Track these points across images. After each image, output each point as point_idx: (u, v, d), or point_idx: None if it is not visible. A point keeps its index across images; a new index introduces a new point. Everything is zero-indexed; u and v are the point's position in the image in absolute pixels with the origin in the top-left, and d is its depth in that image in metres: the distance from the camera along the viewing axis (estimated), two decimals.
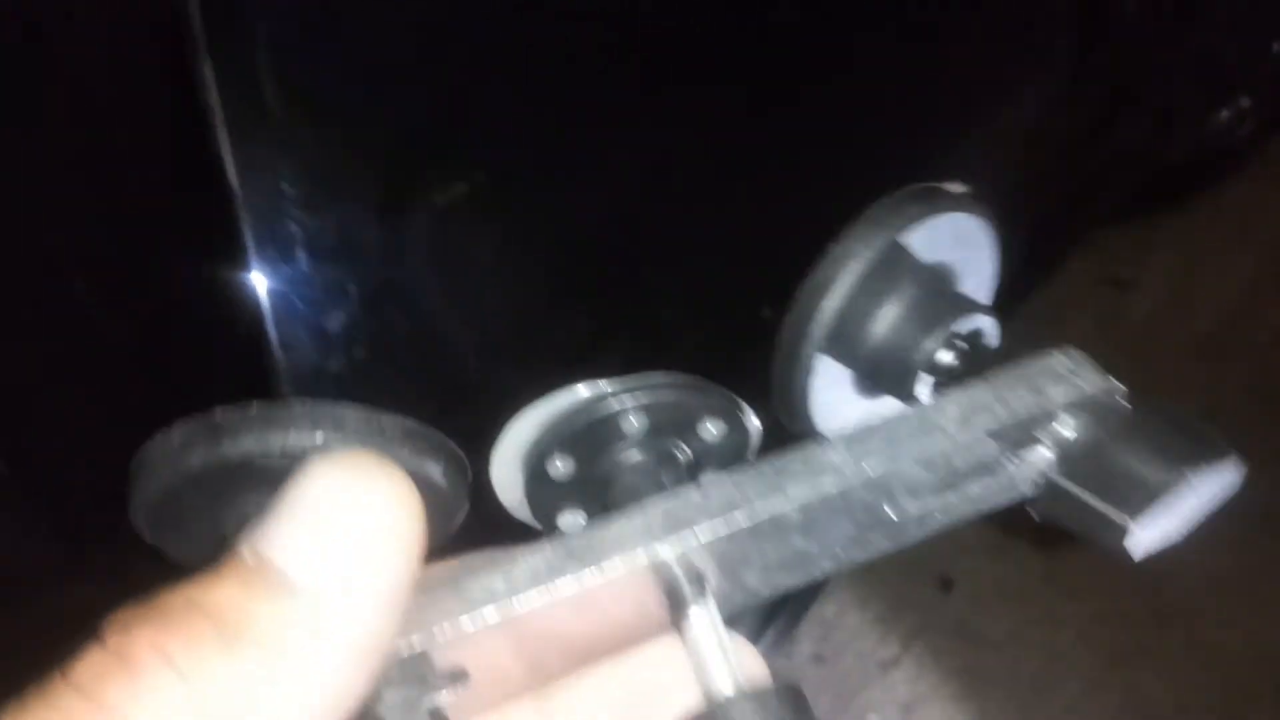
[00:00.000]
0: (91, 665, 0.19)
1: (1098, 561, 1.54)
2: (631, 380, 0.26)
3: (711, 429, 0.26)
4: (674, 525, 0.21)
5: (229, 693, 0.19)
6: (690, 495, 0.21)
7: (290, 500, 0.21)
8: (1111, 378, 0.25)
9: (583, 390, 0.26)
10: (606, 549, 0.20)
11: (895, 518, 0.23)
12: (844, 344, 0.32)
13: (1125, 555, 0.23)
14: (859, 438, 0.22)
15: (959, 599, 1.50)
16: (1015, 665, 1.43)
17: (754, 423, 0.30)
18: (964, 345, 0.31)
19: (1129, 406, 0.25)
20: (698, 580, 0.21)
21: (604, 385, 0.26)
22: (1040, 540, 1.57)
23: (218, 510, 0.23)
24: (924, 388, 0.32)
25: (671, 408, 0.26)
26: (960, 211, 0.34)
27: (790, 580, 0.22)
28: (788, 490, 0.21)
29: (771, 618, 1.04)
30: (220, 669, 0.19)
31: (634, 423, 0.27)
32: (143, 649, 0.19)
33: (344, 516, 0.20)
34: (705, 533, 0.20)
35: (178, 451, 0.23)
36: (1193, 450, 0.23)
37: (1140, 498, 0.23)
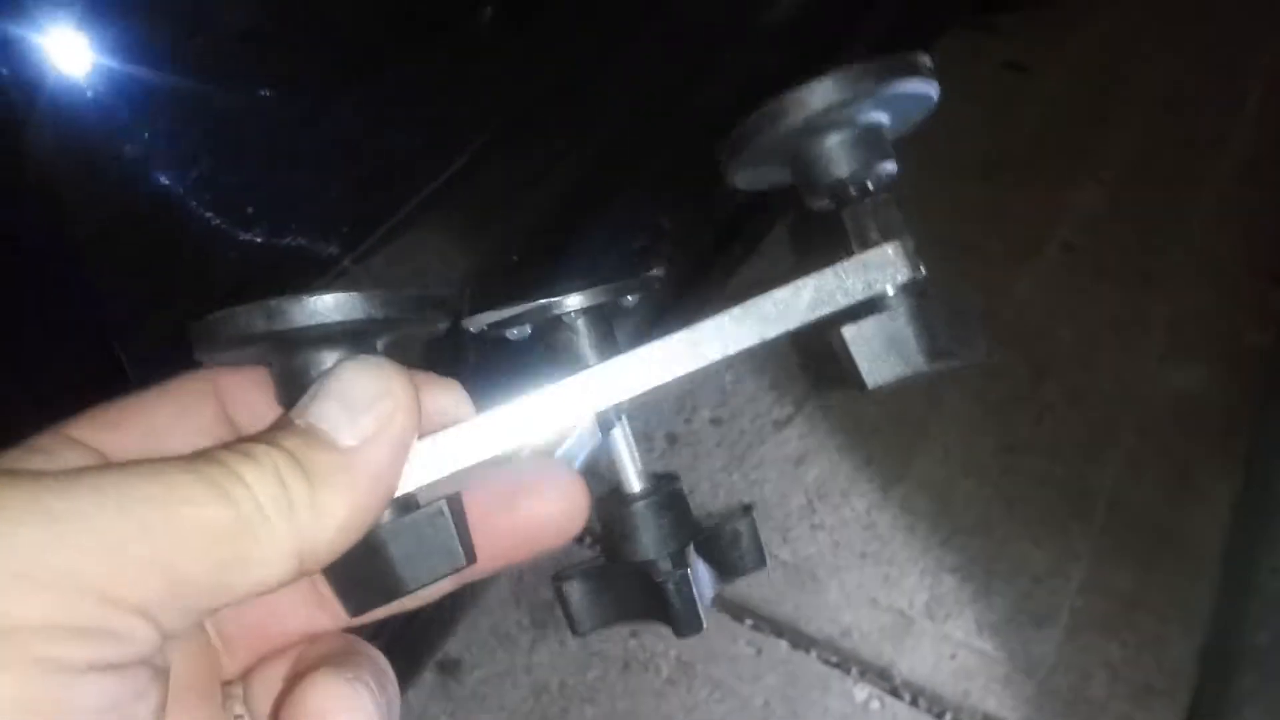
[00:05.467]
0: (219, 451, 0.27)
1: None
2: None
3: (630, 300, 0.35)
4: (617, 389, 0.31)
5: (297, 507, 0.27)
6: (630, 363, 0.31)
7: (333, 387, 0.29)
8: (922, 267, 0.32)
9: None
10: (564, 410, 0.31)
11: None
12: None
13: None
14: (739, 319, 0.31)
15: None
16: (899, 415, 1.55)
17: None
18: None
19: (923, 297, 0.32)
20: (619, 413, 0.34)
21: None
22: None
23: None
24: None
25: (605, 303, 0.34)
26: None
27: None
28: (704, 353, 0.31)
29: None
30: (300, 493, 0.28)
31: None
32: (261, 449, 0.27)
33: (369, 401, 0.29)
34: (640, 392, 0.31)
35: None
36: (950, 345, 0.31)
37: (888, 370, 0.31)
